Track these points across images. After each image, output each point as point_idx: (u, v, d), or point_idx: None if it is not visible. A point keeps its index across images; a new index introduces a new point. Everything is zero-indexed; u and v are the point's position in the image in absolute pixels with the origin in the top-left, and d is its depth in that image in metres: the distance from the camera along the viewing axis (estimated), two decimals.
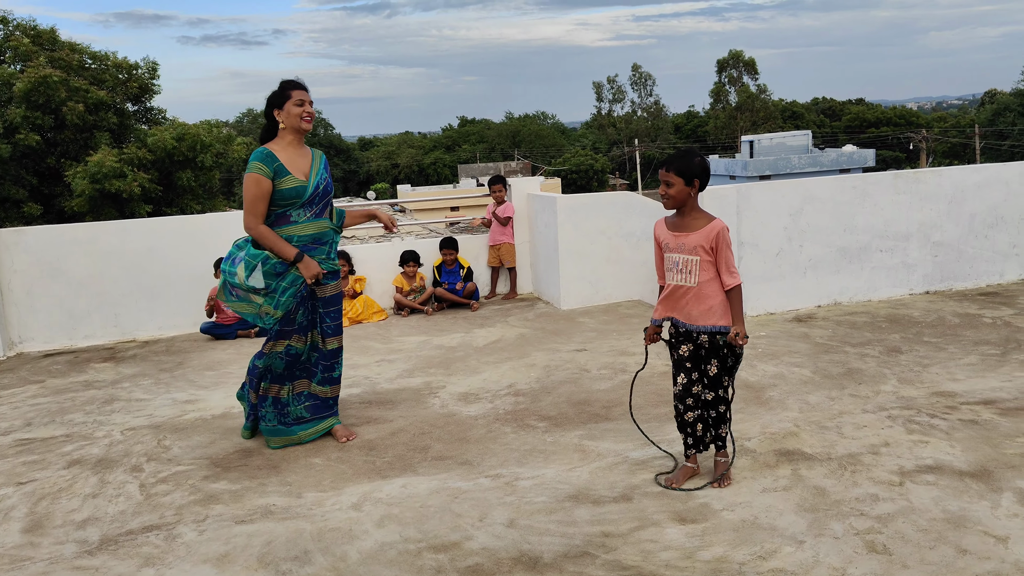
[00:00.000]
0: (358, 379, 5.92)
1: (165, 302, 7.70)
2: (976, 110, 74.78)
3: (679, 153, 3.73)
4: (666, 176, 3.68)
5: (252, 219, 4.34)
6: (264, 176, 4.31)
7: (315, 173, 4.45)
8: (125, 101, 19.22)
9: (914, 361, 5.56)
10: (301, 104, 4.41)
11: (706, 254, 3.67)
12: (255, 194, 4.31)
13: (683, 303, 3.74)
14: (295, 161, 4.40)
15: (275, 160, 4.34)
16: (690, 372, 3.79)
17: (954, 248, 7.44)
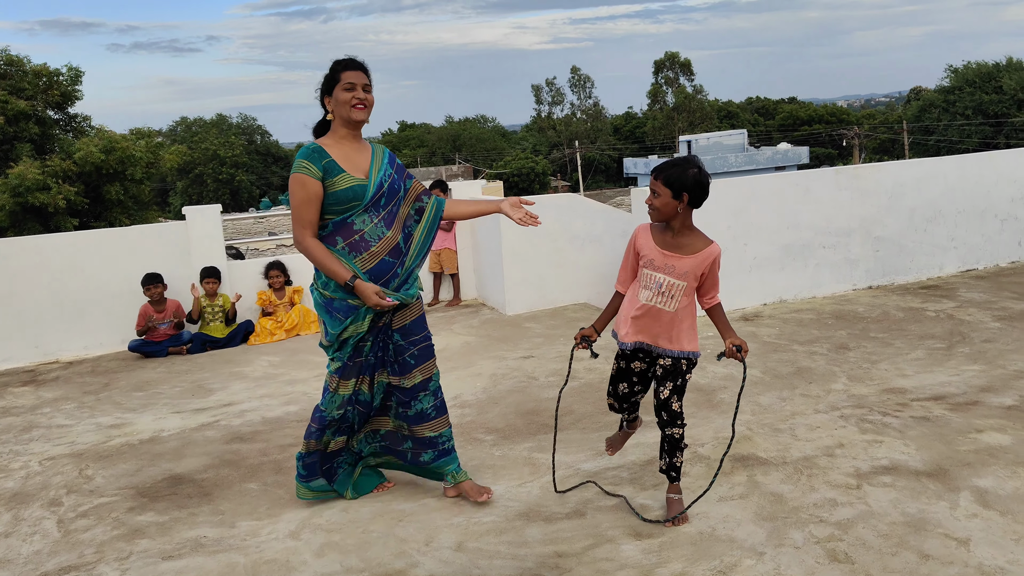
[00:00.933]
0: (296, 396, 5.66)
1: (90, 320, 7.31)
2: (903, 107, 76.98)
3: (673, 161, 3.27)
4: (654, 184, 3.27)
5: (298, 229, 3.50)
6: (310, 176, 3.48)
7: (377, 169, 3.61)
8: (46, 109, 18.45)
9: (862, 358, 5.52)
10: (351, 88, 3.52)
11: (695, 280, 3.31)
12: (300, 198, 3.48)
13: (657, 327, 3.34)
14: (351, 157, 3.58)
15: (324, 155, 3.52)
16: (634, 385, 3.53)
17: (895, 243, 7.48)
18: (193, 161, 63.16)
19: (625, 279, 3.48)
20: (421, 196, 3.78)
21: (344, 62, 3.58)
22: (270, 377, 6.21)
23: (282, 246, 19.45)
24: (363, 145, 3.70)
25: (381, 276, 3.54)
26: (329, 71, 3.60)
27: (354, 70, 3.56)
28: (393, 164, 3.69)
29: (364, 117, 3.58)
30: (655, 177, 3.27)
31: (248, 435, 4.94)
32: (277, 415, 5.27)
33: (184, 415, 5.43)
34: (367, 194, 3.53)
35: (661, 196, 3.25)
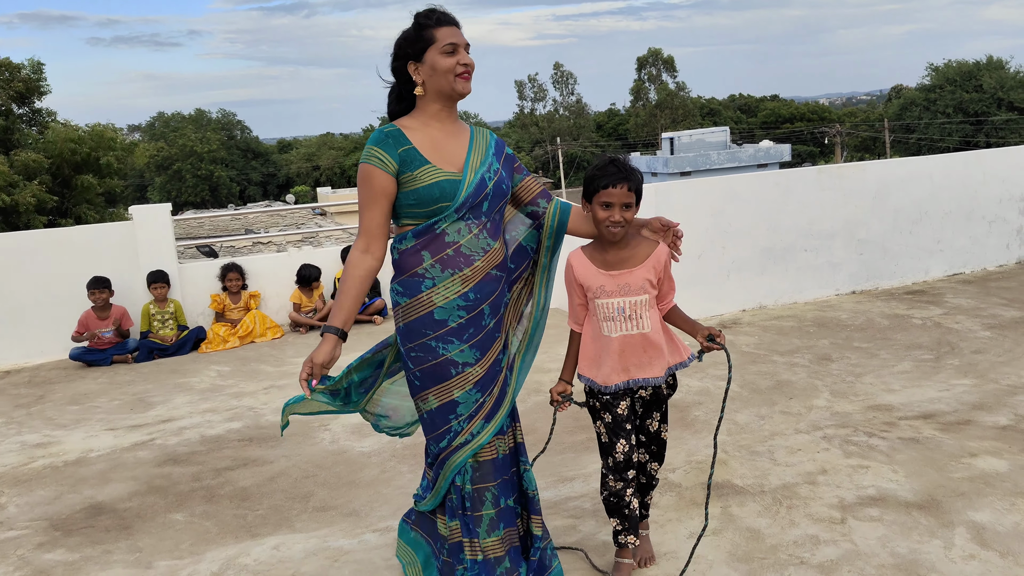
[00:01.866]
0: (241, 411, 5.26)
1: (30, 326, 6.88)
2: (884, 105, 77.16)
3: (624, 164, 2.74)
4: (627, 196, 2.69)
5: (360, 238, 2.69)
6: (380, 168, 2.63)
7: (478, 161, 2.72)
8: (10, 102, 17.88)
9: (846, 370, 5.19)
10: (452, 51, 2.65)
11: (654, 288, 2.82)
12: (364, 197, 2.67)
13: (641, 356, 2.80)
14: (441, 144, 2.71)
15: (402, 141, 2.66)
16: (630, 435, 2.85)
17: (879, 245, 7.16)
18: (171, 157, 62.34)
19: (579, 315, 2.92)
20: (537, 199, 2.92)
21: (437, 15, 2.70)
22: (216, 389, 5.80)
23: (259, 243, 18.95)
24: (459, 128, 2.80)
25: (487, 297, 2.72)
26: (414, 29, 2.71)
27: (451, 25, 2.69)
28: (501, 155, 2.82)
29: (470, 89, 2.74)
30: (628, 188, 2.69)
31: (183, 456, 4.54)
32: (217, 433, 4.88)
33: (118, 432, 5.02)
34: (460, 194, 2.64)
35: (632, 208, 2.74)
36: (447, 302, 2.68)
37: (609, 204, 2.70)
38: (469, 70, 2.70)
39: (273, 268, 7.59)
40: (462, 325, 2.71)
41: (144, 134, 70.35)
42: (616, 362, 2.80)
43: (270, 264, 7.64)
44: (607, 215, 2.70)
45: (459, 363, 2.71)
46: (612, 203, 2.70)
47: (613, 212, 2.70)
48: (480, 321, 2.74)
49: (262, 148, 74.60)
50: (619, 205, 2.70)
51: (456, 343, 2.71)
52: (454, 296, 2.68)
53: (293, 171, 71.28)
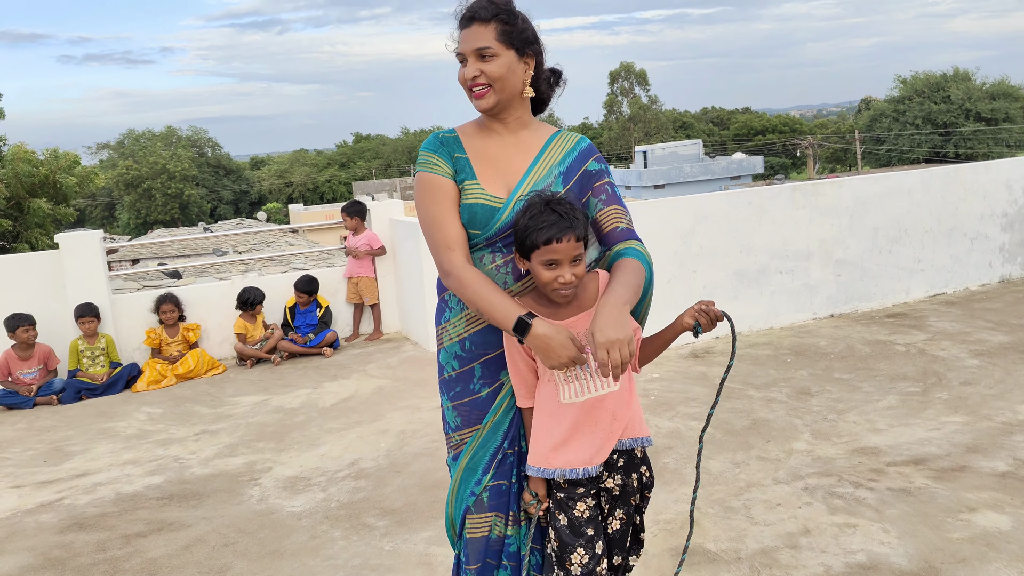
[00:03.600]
0: (166, 462, 4.76)
1: None
2: (854, 116, 77.76)
3: (566, 207, 2.12)
4: (575, 248, 2.09)
5: (440, 254, 2.20)
6: (437, 173, 2.25)
7: (535, 180, 2.26)
8: None
9: (827, 406, 4.78)
10: (462, 62, 2.25)
11: None
12: (428, 207, 2.24)
13: (609, 421, 2.18)
14: (497, 158, 2.28)
15: (457, 148, 2.28)
16: (594, 541, 2.20)
17: (858, 266, 6.80)
18: (141, 176, 61.38)
19: (527, 390, 2.24)
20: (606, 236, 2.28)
21: (460, 10, 2.24)
22: (143, 435, 5.29)
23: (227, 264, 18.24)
24: (531, 136, 2.32)
25: (482, 354, 2.28)
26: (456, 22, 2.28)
27: (467, 26, 2.21)
28: (575, 172, 2.29)
29: (487, 105, 2.23)
30: (576, 238, 2.09)
31: (91, 520, 4.03)
32: (135, 490, 4.37)
33: (24, 491, 4.50)
34: (493, 224, 2.20)
35: (582, 259, 2.14)
36: (450, 344, 2.33)
37: (555, 262, 2.08)
38: (477, 82, 2.22)
39: (215, 297, 7.08)
40: (452, 379, 2.34)
41: (113, 152, 69.30)
42: (583, 438, 2.17)
43: (212, 293, 7.13)
44: (554, 276, 2.09)
45: (448, 422, 2.38)
46: (559, 260, 2.08)
47: (561, 271, 2.08)
48: (468, 383, 2.30)
49: (234, 165, 73.80)
50: (567, 261, 2.09)
51: (445, 397, 2.37)
52: (456, 339, 2.32)
53: (265, 188, 70.49)
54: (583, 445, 2.16)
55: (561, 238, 2.06)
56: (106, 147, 71.54)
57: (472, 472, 2.29)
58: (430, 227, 2.22)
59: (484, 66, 2.19)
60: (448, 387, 2.34)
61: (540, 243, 2.07)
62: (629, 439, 2.23)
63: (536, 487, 2.25)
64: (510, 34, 2.20)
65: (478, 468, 2.28)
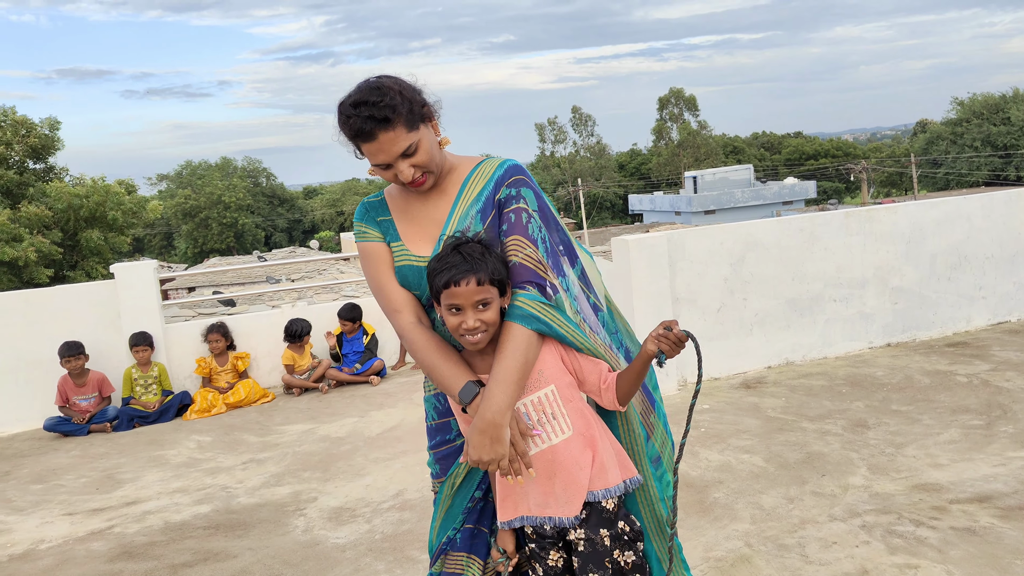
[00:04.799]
0: (213, 491, 4.79)
1: (6, 393, 6.48)
2: (910, 139, 76.32)
3: (473, 250, 2.01)
4: (479, 292, 1.98)
5: (391, 316, 2.19)
6: (369, 241, 2.24)
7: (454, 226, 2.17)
8: (25, 158, 17.87)
9: (885, 439, 4.62)
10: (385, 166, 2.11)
11: (564, 373, 2.09)
12: (370, 273, 2.22)
13: (563, 477, 2.05)
14: (418, 214, 2.22)
15: (382, 211, 2.26)
16: None
17: (915, 293, 6.59)
18: (198, 206, 62.89)
19: None
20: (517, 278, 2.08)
21: (350, 127, 2.06)
22: (192, 464, 5.34)
23: (279, 292, 18.48)
24: (451, 177, 2.22)
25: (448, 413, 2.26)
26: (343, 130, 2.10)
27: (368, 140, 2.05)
28: (489, 207, 2.15)
29: (430, 185, 2.17)
30: (478, 282, 1.97)
31: (140, 548, 4.06)
32: (183, 519, 4.40)
33: (76, 518, 4.56)
34: (425, 282, 2.12)
35: (492, 304, 2.01)
36: (429, 394, 2.32)
37: (458, 308, 1.99)
38: (415, 180, 2.10)
39: (264, 326, 7.16)
40: (432, 428, 2.33)
41: (172, 182, 71.17)
42: (542, 487, 2.06)
43: (261, 322, 7.22)
44: (458, 321, 1.99)
45: (430, 467, 2.35)
46: (461, 305, 1.98)
47: (465, 317, 1.98)
48: (446, 434, 2.29)
49: (288, 195, 75.20)
50: (471, 306, 1.98)
51: (428, 444, 2.35)
52: (432, 392, 2.31)
53: (318, 217, 71.69)
54: (543, 494, 2.06)
55: (460, 281, 1.97)
56: (165, 178, 73.48)
57: (451, 520, 2.24)
58: (377, 294, 2.22)
59: (414, 160, 2.08)
60: (430, 435, 2.33)
61: (440, 287, 2.00)
62: (594, 490, 2.06)
63: (504, 542, 2.16)
64: (414, 118, 2.06)
65: (456, 516, 2.23)
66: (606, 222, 64.96)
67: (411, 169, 2.08)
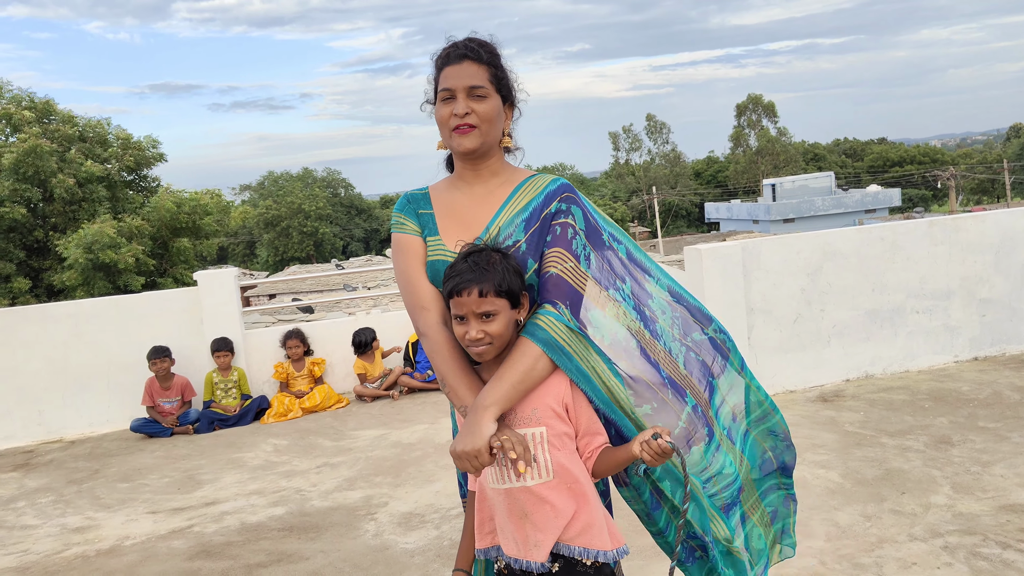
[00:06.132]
0: (288, 494, 4.90)
1: (95, 395, 6.76)
2: (1002, 145, 73.32)
3: (482, 258, 1.96)
4: (482, 304, 1.92)
5: (415, 314, 2.13)
6: (406, 232, 2.20)
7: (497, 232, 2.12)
8: (120, 173, 18.70)
9: (970, 457, 4.43)
10: (449, 98, 2.11)
11: (562, 421, 1.97)
12: (401, 268, 2.17)
13: (535, 515, 1.94)
14: (461, 211, 2.19)
15: (424, 204, 2.23)
16: None
17: (1005, 305, 6.32)
18: (280, 215, 64.66)
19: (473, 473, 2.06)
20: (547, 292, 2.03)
21: (447, 50, 2.14)
22: (269, 467, 5.48)
23: (355, 299, 18.90)
24: (498, 187, 2.19)
25: None
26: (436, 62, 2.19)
27: (458, 62, 2.11)
28: (537, 217, 2.11)
29: (471, 145, 2.11)
30: (480, 293, 1.91)
31: (217, 548, 4.19)
32: (258, 520, 4.51)
33: (158, 516, 4.73)
34: None
35: (498, 315, 1.94)
36: (454, 409, 2.19)
37: (461, 317, 1.95)
38: (465, 121, 2.09)
39: (339, 333, 7.30)
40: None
41: (254, 193, 73.36)
42: (513, 526, 1.96)
43: (337, 329, 7.37)
44: (463, 331, 1.95)
45: (461, 484, 2.31)
46: (464, 315, 1.94)
47: (468, 327, 1.94)
48: None
49: (365, 204, 76.66)
50: (474, 316, 1.93)
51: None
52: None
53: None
54: (514, 531, 1.96)
55: (462, 290, 1.92)
56: (248, 188, 75.80)
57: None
58: (404, 288, 2.15)
59: (475, 105, 2.09)
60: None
61: (446, 295, 1.98)
62: (576, 545, 1.95)
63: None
64: (500, 80, 2.14)
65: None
66: (681, 231, 64.20)
67: (467, 107, 2.08)
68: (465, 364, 2.02)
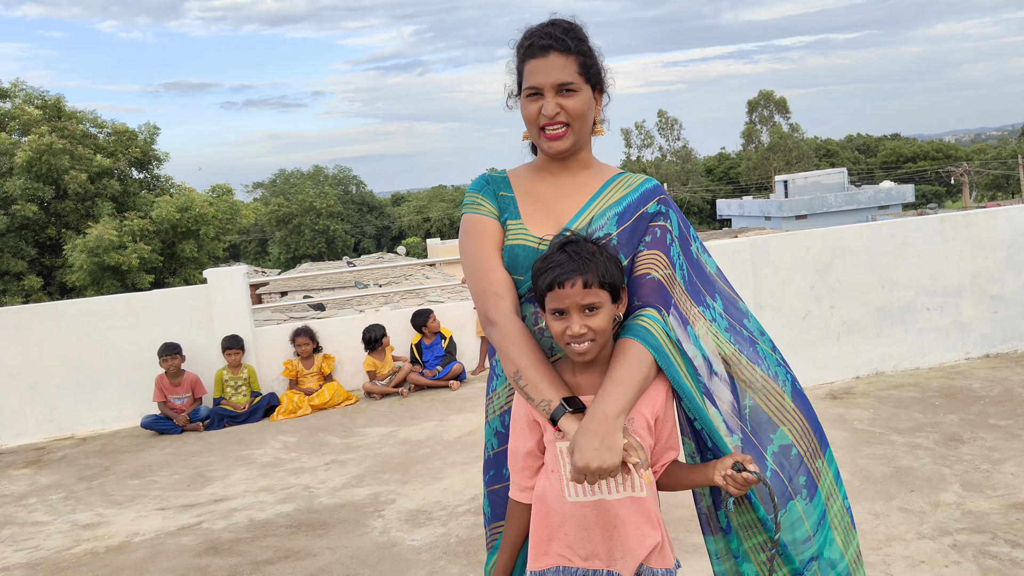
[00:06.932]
0: (296, 491, 4.92)
1: (107, 392, 6.81)
2: (1017, 140, 72.76)
3: (582, 248, 1.79)
4: (586, 295, 1.75)
5: (482, 303, 1.93)
6: (482, 214, 2.02)
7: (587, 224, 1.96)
8: (128, 167, 18.78)
9: (980, 455, 4.41)
10: (535, 94, 1.94)
11: (647, 431, 1.82)
12: (471, 249, 1.99)
13: (624, 528, 1.79)
14: (547, 199, 2.02)
15: (504, 187, 2.05)
16: None
17: (1017, 302, 6.28)
18: (291, 213, 64.85)
19: (526, 480, 1.87)
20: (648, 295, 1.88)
21: (529, 41, 1.95)
22: (277, 464, 5.50)
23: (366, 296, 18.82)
24: (587, 180, 2.04)
25: None
26: (515, 56, 2.01)
27: (542, 55, 1.92)
28: (632, 214, 1.97)
29: (564, 147, 1.96)
30: (585, 284, 1.75)
31: (226, 544, 4.20)
32: (267, 517, 4.53)
33: (168, 513, 4.75)
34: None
35: (602, 309, 1.78)
36: (492, 417, 2.01)
37: (562, 311, 1.77)
38: (557, 121, 1.92)
39: (349, 330, 7.32)
40: (489, 460, 2.03)
41: (266, 190, 73.60)
42: (589, 536, 1.80)
43: (346, 326, 7.39)
44: (562, 327, 1.77)
45: (484, 511, 2.08)
46: (565, 309, 1.76)
47: (570, 322, 1.76)
48: (503, 468, 1.98)
49: (376, 202, 76.80)
50: (577, 310, 1.76)
51: (484, 479, 2.05)
52: (498, 412, 2.00)
53: (405, 223, 72.96)
54: (594, 543, 1.79)
55: (564, 282, 1.75)
56: (260, 186, 76.03)
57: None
58: (474, 273, 1.95)
59: (565, 101, 1.91)
60: (485, 469, 2.04)
61: (544, 288, 1.78)
62: (658, 568, 1.82)
63: None
64: (589, 68, 1.95)
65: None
66: (693, 227, 64.02)
67: (557, 106, 1.91)
68: (543, 357, 1.84)
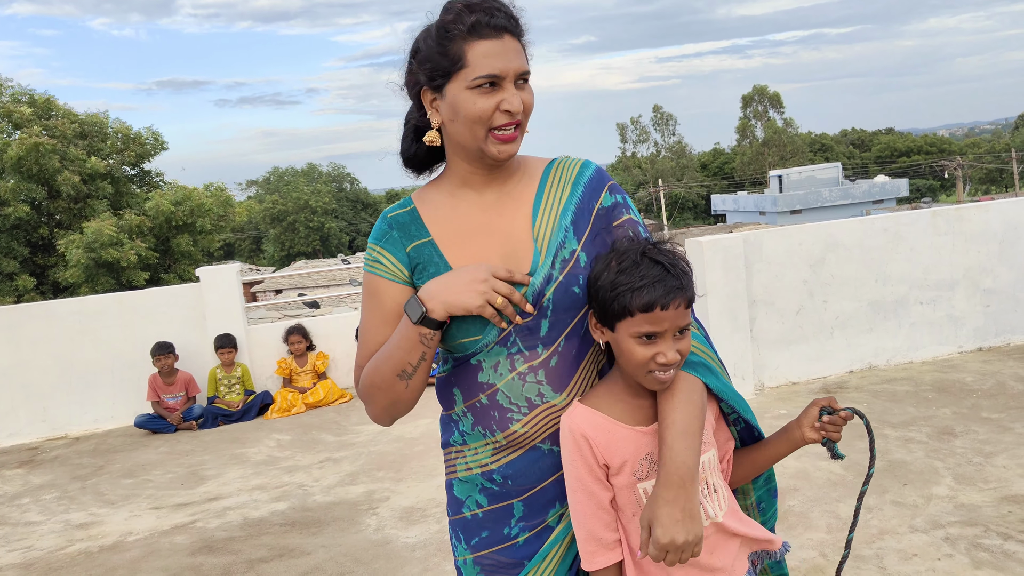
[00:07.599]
0: (290, 489, 4.92)
1: (100, 392, 6.79)
2: (1010, 134, 72.94)
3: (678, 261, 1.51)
4: (683, 317, 1.48)
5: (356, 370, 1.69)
6: (386, 277, 1.63)
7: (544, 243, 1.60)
8: (121, 166, 18.76)
9: (972, 448, 4.42)
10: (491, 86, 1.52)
11: (710, 444, 1.60)
12: (370, 312, 1.65)
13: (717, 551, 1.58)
14: (476, 230, 1.63)
15: (413, 233, 1.64)
16: None
17: (1010, 296, 6.29)
18: (285, 210, 64.76)
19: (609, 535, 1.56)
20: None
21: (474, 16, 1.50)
22: (271, 462, 5.49)
23: (360, 294, 18.85)
24: (514, 188, 1.66)
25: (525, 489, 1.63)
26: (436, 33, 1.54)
27: (493, 36, 1.51)
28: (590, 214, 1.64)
29: (514, 151, 1.58)
30: (683, 303, 1.48)
31: (219, 543, 4.20)
32: (261, 515, 4.53)
33: (161, 512, 4.75)
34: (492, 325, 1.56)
35: (689, 329, 1.53)
36: (469, 475, 1.67)
37: (655, 335, 1.47)
38: (515, 121, 1.54)
39: (342, 327, 7.31)
40: (475, 520, 1.67)
41: (260, 188, 73.50)
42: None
43: (339, 323, 7.38)
44: (651, 354, 1.47)
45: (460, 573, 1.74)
46: (661, 332, 1.47)
47: (663, 347, 1.47)
48: (502, 527, 1.65)
49: (371, 199, 76.70)
50: (672, 334, 1.48)
51: (462, 546, 1.70)
52: (477, 471, 1.65)
53: None
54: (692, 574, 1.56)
55: (668, 303, 1.45)
56: (254, 183, 75.90)
57: None
58: (360, 342, 1.67)
59: (523, 96, 1.55)
60: (468, 531, 1.68)
61: (636, 309, 1.46)
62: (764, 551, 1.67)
63: None
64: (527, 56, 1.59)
65: None
66: (688, 223, 64.06)
67: (519, 101, 1.52)
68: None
